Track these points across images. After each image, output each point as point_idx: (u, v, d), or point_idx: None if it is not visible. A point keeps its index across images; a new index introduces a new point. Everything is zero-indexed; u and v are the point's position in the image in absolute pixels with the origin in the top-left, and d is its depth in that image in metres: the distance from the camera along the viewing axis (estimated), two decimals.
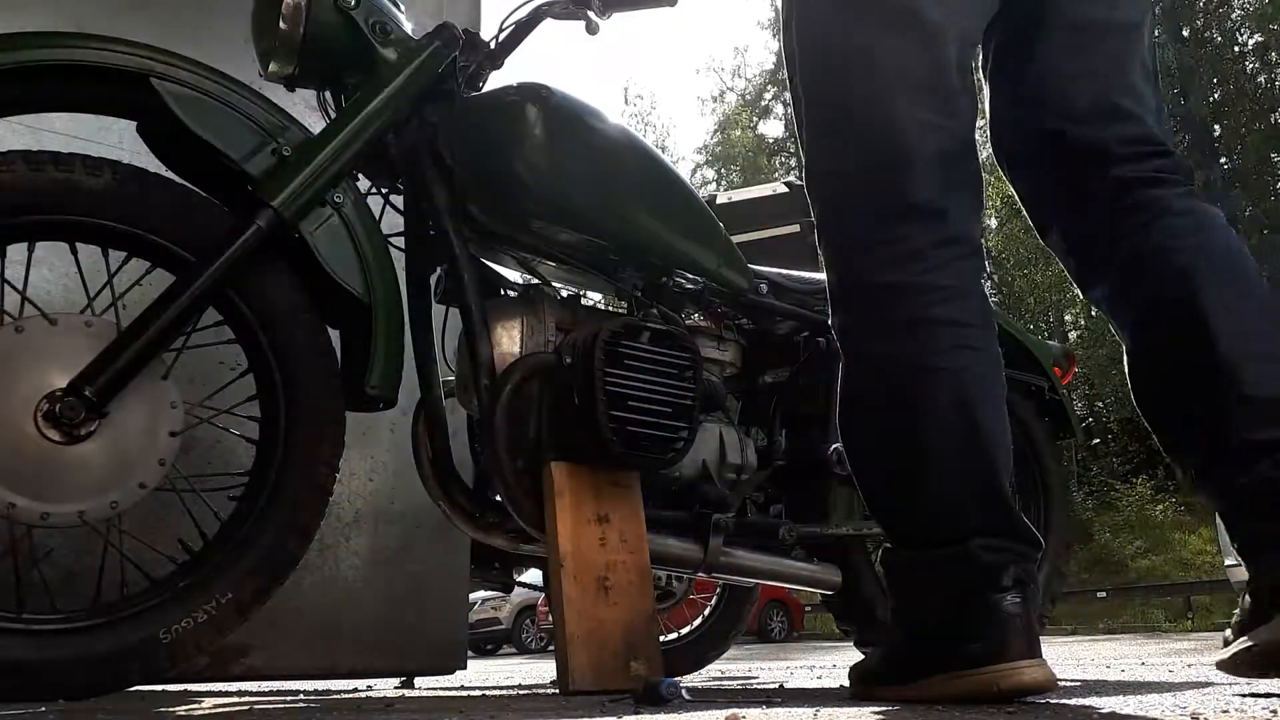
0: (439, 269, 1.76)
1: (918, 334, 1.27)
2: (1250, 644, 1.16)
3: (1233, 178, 23.85)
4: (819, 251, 1.39)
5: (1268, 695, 1.25)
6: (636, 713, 1.14)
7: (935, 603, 1.23)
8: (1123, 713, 1.09)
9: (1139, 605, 15.84)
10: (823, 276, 1.40)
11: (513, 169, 1.59)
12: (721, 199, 3.24)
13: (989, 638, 1.16)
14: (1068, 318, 26.16)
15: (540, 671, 4.70)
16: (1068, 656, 4.09)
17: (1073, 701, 1.25)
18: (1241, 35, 25.84)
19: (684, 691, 1.29)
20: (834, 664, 4.34)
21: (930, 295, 1.27)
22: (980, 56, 1.49)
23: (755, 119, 35.43)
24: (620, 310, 1.84)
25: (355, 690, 2.68)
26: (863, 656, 1.63)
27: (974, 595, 1.19)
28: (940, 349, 1.26)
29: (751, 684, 2.54)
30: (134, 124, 1.48)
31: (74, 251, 1.36)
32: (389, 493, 2.34)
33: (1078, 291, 1.49)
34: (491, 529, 1.76)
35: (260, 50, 1.58)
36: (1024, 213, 1.53)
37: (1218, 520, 1.31)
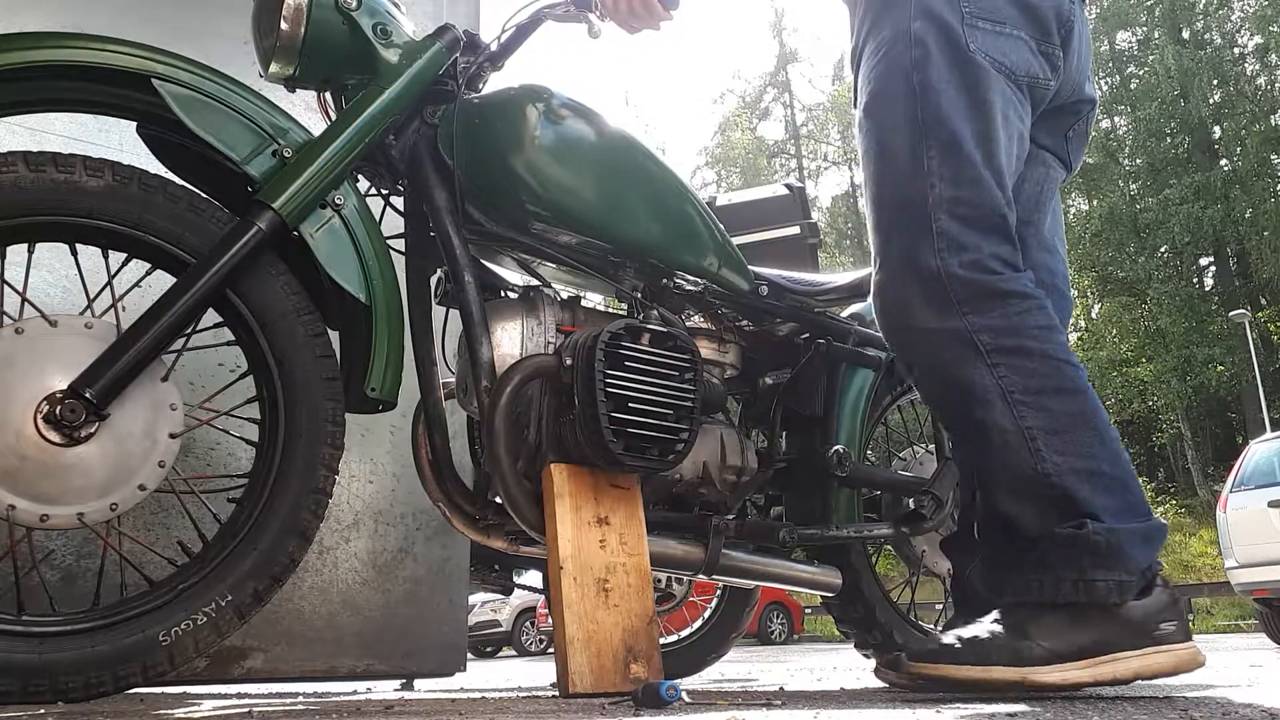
0: (439, 270, 1.76)
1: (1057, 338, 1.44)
2: None
3: (1232, 179, 23.85)
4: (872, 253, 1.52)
5: (1267, 700, 1.25)
6: (636, 715, 1.14)
7: (1119, 575, 1.28)
8: (1123, 714, 1.09)
9: None
10: (822, 278, 1.41)
11: (513, 171, 1.59)
12: (722, 200, 3.22)
13: (1179, 619, 1.25)
14: None
15: (540, 674, 4.69)
16: None
17: (1074, 702, 1.25)
18: (1241, 37, 25.86)
19: (684, 694, 1.29)
20: (834, 666, 4.34)
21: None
22: None
23: (755, 121, 35.45)
24: (621, 312, 1.84)
25: (355, 693, 2.69)
26: (889, 653, 1.60)
27: (1154, 573, 1.28)
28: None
29: (752, 686, 2.54)
30: (134, 125, 1.48)
31: (74, 253, 1.36)
32: (388, 495, 2.34)
33: (1076, 294, 1.52)
34: (491, 531, 1.76)
35: (261, 51, 1.58)
36: None
37: (1218, 522, 1.34)
